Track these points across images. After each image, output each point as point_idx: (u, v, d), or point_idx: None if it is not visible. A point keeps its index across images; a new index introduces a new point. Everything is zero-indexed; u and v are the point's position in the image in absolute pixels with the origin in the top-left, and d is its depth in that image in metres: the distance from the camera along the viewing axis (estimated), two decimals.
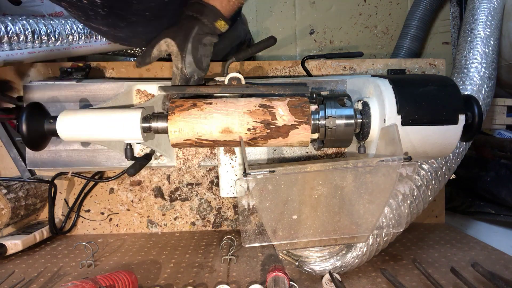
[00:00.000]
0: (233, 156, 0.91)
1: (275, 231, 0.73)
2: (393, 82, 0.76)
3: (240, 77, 0.88)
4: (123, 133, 0.78)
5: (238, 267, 0.97)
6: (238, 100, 0.81)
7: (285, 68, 1.14)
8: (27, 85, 0.96)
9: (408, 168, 0.69)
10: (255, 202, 0.70)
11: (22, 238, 1.05)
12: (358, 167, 0.70)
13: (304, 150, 0.97)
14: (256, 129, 0.77)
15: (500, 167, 1.31)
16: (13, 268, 0.98)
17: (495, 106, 1.32)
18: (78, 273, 0.96)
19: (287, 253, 0.94)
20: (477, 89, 1.05)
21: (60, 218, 1.22)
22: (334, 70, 1.14)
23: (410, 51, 1.53)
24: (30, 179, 1.11)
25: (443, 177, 1.00)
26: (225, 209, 1.24)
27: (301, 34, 1.65)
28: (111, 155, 0.97)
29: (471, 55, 1.09)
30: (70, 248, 1.11)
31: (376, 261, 0.98)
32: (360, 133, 0.80)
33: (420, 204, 0.97)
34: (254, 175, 0.66)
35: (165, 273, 0.95)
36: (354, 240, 0.80)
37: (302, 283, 0.89)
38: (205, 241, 1.16)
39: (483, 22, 1.12)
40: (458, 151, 1.02)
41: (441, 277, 0.89)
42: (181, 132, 0.78)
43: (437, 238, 1.14)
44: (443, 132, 0.75)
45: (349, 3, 1.65)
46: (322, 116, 0.78)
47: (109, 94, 0.96)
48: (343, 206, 0.73)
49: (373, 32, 1.65)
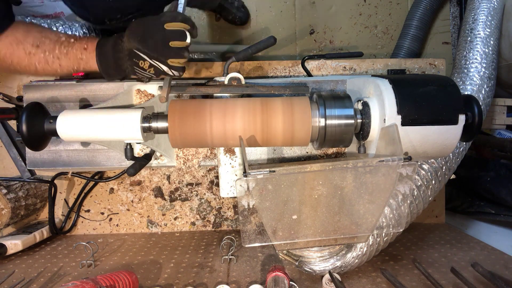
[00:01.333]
0: (233, 156, 0.91)
1: (275, 231, 0.73)
2: (393, 82, 0.76)
3: (240, 77, 0.88)
4: (123, 133, 0.78)
5: (238, 267, 0.97)
6: (238, 100, 0.81)
7: (285, 68, 1.14)
8: (27, 85, 0.96)
9: (408, 168, 0.69)
10: (255, 202, 0.70)
11: (22, 238, 1.05)
12: (358, 167, 0.70)
13: (304, 150, 0.97)
14: (256, 129, 0.77)
15: (500, 167, 1.31)
16: (13, 268, 0.98)
17: (495, 106, 1.32)
18: (78, 273, 0.96)
19: (287, 253, 0.94)
20: (477, 89, 1.05)
21: (60, 218, 1.22)
22: (334, 70, 1.14)
23: (410, 51, 1.53)
24: (30, 179, 1.11)
25: (443, 177, 1.00)
26: (225, 209, 1.24)
27: (301, 34, 1.65)
28: (111, 155, 0.97)
29: (471, 55, 1.09)
30: (70, 248, 1.11)
31: (376, 261, 0.98)
32: (360, 133, 0.80)
33: (420, 204, 0.97)
34: (254, 175, 0.66)
35: (165, 273, 0.95)
36: (354, 240, 0.80)
37: (302, 283, 0.89)
38: (205, 241, 1.16)
39: (483, 22, 1.12)
40: (458, 151, 1.02)
41: (441, 277, 0.89)
42: (181, 132, 0.78)
43: (437, 238, 1.14)
44: (443, 132, 0.75)
45: (349, 3, 1.64)
46: (322, 116, 0.77)
47: (109, 94, 0.96)
48: (343, 206, 0.73)
49: (373, 32, 1.65)
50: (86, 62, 0.81)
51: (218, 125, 0.77)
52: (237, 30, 1.64)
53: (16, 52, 0.79)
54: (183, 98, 0.95)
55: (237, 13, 1.56)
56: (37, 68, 0.81)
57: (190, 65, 1.09)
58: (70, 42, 0.81)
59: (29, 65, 0.81)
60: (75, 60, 0.81)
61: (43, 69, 0.82)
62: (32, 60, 0.80)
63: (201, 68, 1.11)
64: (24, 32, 0.79)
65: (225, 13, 1.57)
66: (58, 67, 0.82)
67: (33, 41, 0.79)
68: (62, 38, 0.81)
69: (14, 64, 0.80)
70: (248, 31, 1.64)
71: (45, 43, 0.80)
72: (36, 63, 0.80)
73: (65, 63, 0.81)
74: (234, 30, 1.64)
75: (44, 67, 0.81)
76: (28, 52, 0.79)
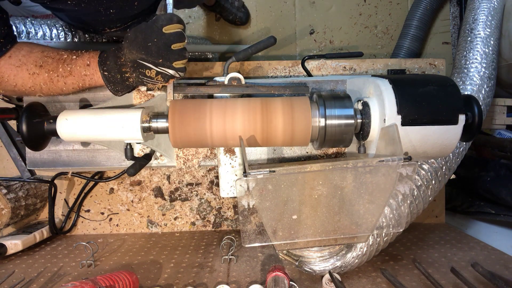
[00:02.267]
0: (233, 156, 0.91)
1: (275, 231, 0.73)
2: (393, 82, 0.76)
3: (240, 77, 0.88)
4: (123, 133, 0.78)
5: (238, 267, 0.97)
6: (238, 100, 0.81)
7: (285, 68, 1.14)
8: None
9: (408, 168, 0.69)
10: (255, 202, 0.70)
11: (22, 238, 1.05)
12: (358, 167, 0.70)
13: (304, 150, 0.97)
14: (256, 129, 0.77)
15: (500, 167, 1.31)
16: (13, 268, 0.98)
17: (495, 106, 1.32)
18: (78, 273, 0.96)
19: (287, 253, 0.94)
20: (477, 89, 1.05)
21: (60, 218, 1.22)
22: (334, 70, 1.14)
23: (410, 51, 1.53)
24: (30, 179, 1.11)
25: (443, 177, 1.00)
26: (225, 209, 1.24)
27: (301, 34, 1.65)
28: (111, 155, 0.97)
29: (471, 55, 1.09)
30: (70, 248, 1.11)
31: (376, 261, 0.98)
32: (360, 133, 0.80)
33: (420, 204, 0.97)
34: (254, 175, 0.66)
35: (165, 273, 0.95)
36: (354, 240, 0.80)
37: (302, 283, 0.89)
38: (205, 241, 1.16)
39: (483, 22, 1.12)
40: (458, 151, 1.02)
41: (441, 277, 0.89)
42: (181, 132, 0.78)
43: (437, 238, 1.14)
44: (443, 132, 0.75)
45: (349, 3, 1.65)
46: (322, 116, 0.77)
47: (109, 94, 0.95)
48: (343, 206, 0.73)
49: (373, 32, 1.65)
50: (91, 78, 0.80)
51: (218, 125, 0.77)
52: (237, 30, 1.64)
53: (20, 74, 0.77)
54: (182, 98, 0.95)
55: (237, 13, 1.57)
56: (43, 88, 0.80)
57: (190, 65, 1.09)
58: (72, 59, 0.79)
59: (34, 86, 0.79)
60: (79, 77, 0.80)
61: (49, 89, 0.81)
62: (36, 81, 0.79)
63: (201, 68, 1.11)
64: (27, 53, 0.78)
65: (226, 13, 1.57)
66: (63, 85, 0.80)
67: (36, 61, 0.78)
68: (64, 55, 0.80)
69: (18, 86, 0.79)
70: (248, 31, 1.65)
71: (48, 62, 0.78)
72: (41, 84, 0.79)
73: (70, 80, 0.80)
74: (234, 30, 1.64)
75: (49, 86, 0.80)
76: (32, 72, 0.78)
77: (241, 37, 1.64)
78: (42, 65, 0.78)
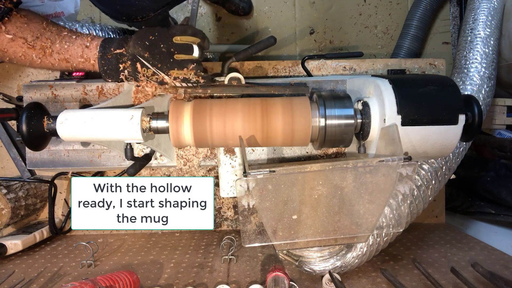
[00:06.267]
0: (233, 156, 0.91)
1: (275, 231, 0.73)
2: (393, 82, 0.76)
3: (240, 77, 0.88)
4: (123, 133, 0.78)
5: (238, 267, 0.97)
6: (238, 100, 0.81)
7: (285, 68, 1.14)
8: (27, 85, 0.95)
9: (408, 168, 0.69)
10: (255, 202, 0.70)
11: (22, 238, 1.05)
12: (358, 167, 0.70)
13: (304, 150, 0.97)
14: (256, 129, 0.77)
15: (500, 167, 1.31)
16: (13, 268, 0.98)
17: (495, 106, 1.32)
18: (78, 273, 0.96)
19: (287, 253, 0.94)
20: (477, 89, 1.05)
21: (60, 218, 1.22)
22: (334, 70, 1.14)
23: (410, 51, 1.53)
24: (30, 179, 1.11)
25: (443, 177, 1.00)
26: (225, 209, 1.24)
27: (301, 34, 1.65)
28: (111, 155, 0.97)
29: (471, 55, 1.09)
30: (70, 248, 1.11)
31: (376, 261, 0.98)
32: (360, 133, 0.80)
33: (420, 204, 0.97)
34: (254, 175, 0.66)
35: (165, 273, 0.95)
36: (354, 240, 0.80)
37: (302, 283, 0.89)
38: (205, 241, 1.16)
39: (483, 22, 1.12)
40: (458, 151, 1.02)
41: (441, 277, 0.89)
42: (182, 132, 0.78)
43: (437, 238, 1.14)
44: (443, 132, 0.75)
45: (349, 3, 1.64)
46: (322, 116, 0.78)
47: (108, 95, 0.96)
48: (343, 206, 0.73)
49: (373, 32, 1.65)
50: (86, 59, 0.80)
51: (218, 125, 0.77)
52: (240, 20, 1.63)
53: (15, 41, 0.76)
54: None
55: (240, 3, 1.57)
56: (34, 60, 0.78)
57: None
58: (71, 38, 0.79)
59: (25, 56, 0.78)
60: (75, 56, 0.79)
61: (41, 62, 0.79)
62: (29, 51, 0.77)
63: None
64: (26, 21, 0.76)
65: (229, 4, 1.58)
66: (56, 61, 0.79)
67: (33, 32, 0.76)
68: (64, 32, 0.79)
69: (9, 53, 0.77)
70: (248, 30, 1.64)
71: (45, 35, 0.77)
72: (33, 55, 0.78)
73: (63, 57, 0.79)
74: (237, 20, 1.63)
75: (42, 60, 0.79)
76: (27, 42, 0.76)
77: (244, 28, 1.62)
78: (39, 37, 0.77)
